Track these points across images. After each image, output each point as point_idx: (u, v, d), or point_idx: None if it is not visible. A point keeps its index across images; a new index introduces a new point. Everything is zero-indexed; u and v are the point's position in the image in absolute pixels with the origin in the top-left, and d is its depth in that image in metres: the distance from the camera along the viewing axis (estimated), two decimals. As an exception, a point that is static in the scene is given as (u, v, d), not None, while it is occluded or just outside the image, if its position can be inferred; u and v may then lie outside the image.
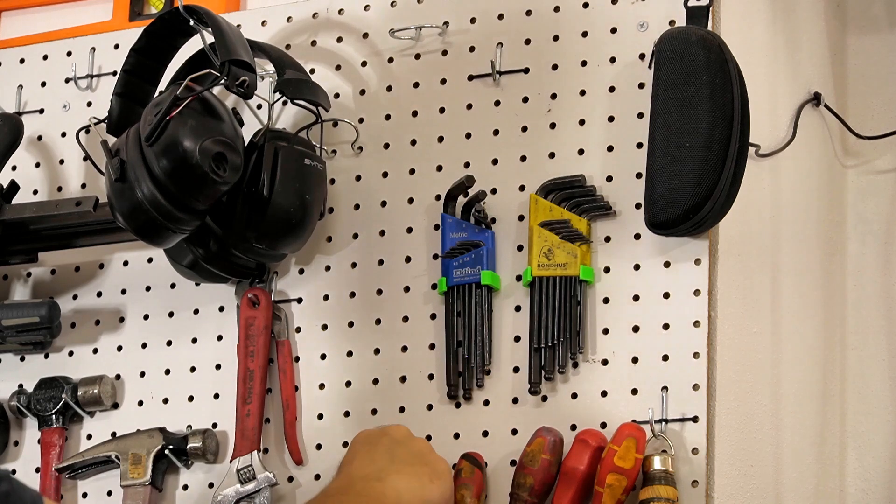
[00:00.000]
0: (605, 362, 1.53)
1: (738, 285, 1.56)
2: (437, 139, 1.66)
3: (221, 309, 1.70)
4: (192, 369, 1.70)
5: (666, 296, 1.52)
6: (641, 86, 1.58)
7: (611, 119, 1.59)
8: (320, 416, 1.63)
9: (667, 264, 1.53)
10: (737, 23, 1.61)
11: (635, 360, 1.52)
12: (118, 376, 1.73)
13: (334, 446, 1.61)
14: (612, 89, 1.60)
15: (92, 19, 1.94)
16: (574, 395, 1.53)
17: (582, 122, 1.60)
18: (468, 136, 1.64)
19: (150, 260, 1.74)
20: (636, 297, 1.53)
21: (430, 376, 1.59)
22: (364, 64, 1.71)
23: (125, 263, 1.76)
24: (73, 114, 1.82)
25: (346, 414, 1.62)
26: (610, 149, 1.58)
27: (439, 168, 1.65)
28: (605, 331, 1.54)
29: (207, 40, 1.58)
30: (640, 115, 1.57)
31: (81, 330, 1.76)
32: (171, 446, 1.65)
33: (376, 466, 1.45)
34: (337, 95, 1.71)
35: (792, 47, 1.73)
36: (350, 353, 1.63)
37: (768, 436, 1.60)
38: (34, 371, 1.75)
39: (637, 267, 1.54)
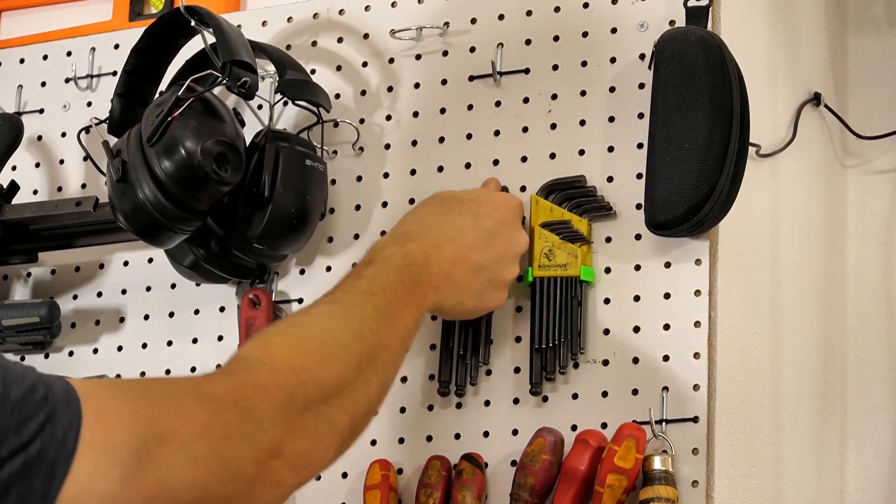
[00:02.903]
0: (605, 363, 1.53)
1: (738, 285, 1.56)
2: (438, 140, 1.66)
3: (222, 309, 1.70)
4: (193, 369, 1.70)
5: (666, 296, 1.52)
6: (641, 86, 1.58)
7: (611, 119, 1.59)
8: (321, 417, 1.63)
9: (667, 265, 1.53)
10: (737, 23, 1.61)
11: (636, 360, 1.52)
12: (118, 376, 1.73)
13: (335, 446, 1.61)
14: (612, 89, 1.60)
15: (92, 19, 1.94)
16: (575, 396, 1.53)
17: (582, 123, 1.60)
18: (469, 136, 1.65)
19: (150, 260, 1.75)
20: (637, 298, 1.53)
21: (431, 376, 1.59)
22: (365, 64, 1.71)
23: (125, 263, 1.76)
24: (73, 114, 1.82)
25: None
26: (610, 149, 1.58)
27: (440, 169, 1.65)
28: (606, 331, 1.54)
29: (208, 41, 1.58)
30: (641, 116, 1.57)
31: (81, 330, 1.76)
32: (171, 446, 1.65)
33: (432, 231, 1.46)
34: (338, 96, 1.71)
35: (792, 47, 1.73)
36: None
37: (768, 436, 1.60)
38: (34, 371, 1.75)
39: (637, 267, 1.54)
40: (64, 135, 1.83)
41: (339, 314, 1.33)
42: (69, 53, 1.85)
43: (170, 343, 1.72)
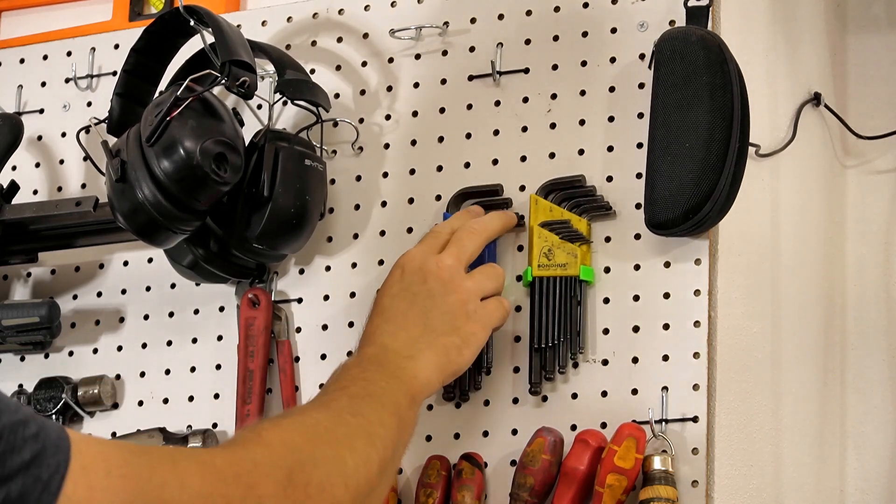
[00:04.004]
0: (605, 362, 1.53)
1: (738, 285, 1.56)
2: (438, 139, 1.66)
3: (221, 309, 1.70)
4: (193, 369, 1.70)
5: (666, 296, 1.52)
6: (641, 86, 1.58)
7: (611, 119, 1.59)
8: (320, 417, 1.63)
9: (667, 264, 1.53)
10: (737, 23, 1.61)
11: (635, 360, 1.52)
12: (118, 376, 1.73)
13: (334, 446, 1.61)
14: (612, 89, 1.60)
15: (92, 19, 1.94)
16: (574, 396, 1.53)
17: (582, 123, 1.60)
18: (468, 136, 1.64)
19: (150, 260, 1.75)
20: (636, 298, 1.53)
21: (431, 376, 1.59)
22: (364, 64, 1.71)
23: (125, 263, 1.76)
24: (73, 114, 1.82)
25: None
26: (610, 149, 1.58)
27: (439, 168, 1.65)
28: (606, 331, 1.54)
29: (208, 40, 1.58)
30: (640, 115, 1.57)
31: (81, 330, 1.76)
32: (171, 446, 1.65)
33: (409, 337, 1.43)
34: (337, 96, 1.71)
35: (792, 47, 1.73)
36: (350, 353, 1.63)
37: (768, 436, 1.60)
38: (34, 371, 1.75)
39: (637, 267, 1.54)
40: (64, 135, 1.83)
41: (317, 408, 1.32)
42: (69, 53, 1.85)
43: (169, 343, 1.72)
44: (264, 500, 1.14)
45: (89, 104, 1.82)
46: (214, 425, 1.67)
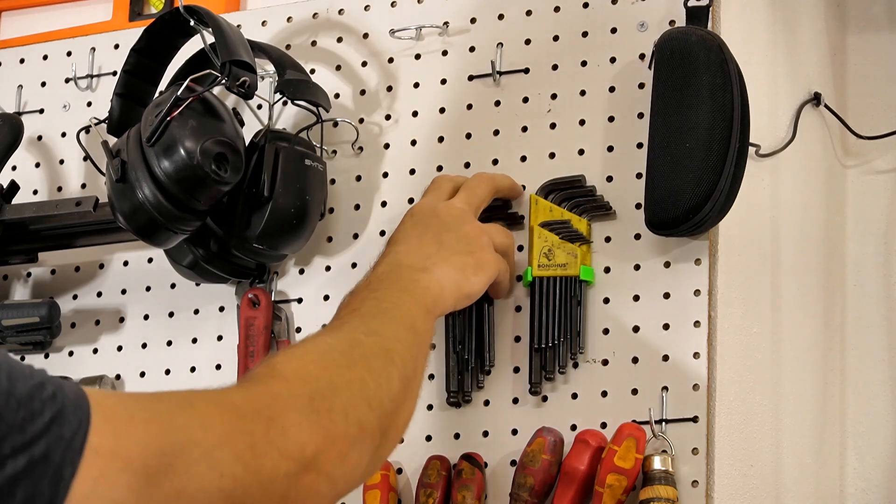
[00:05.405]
0: (605, 362, 1.53)
1: (738, 285, 1.56)
2: (438, 139, 1.66)
3: (221, 309, 1.70)
4: (192, 369, 1.70)
5: (666, 296, 1.52)
6: (641, 86, 1.58)
7: (611, 119, 1.59)
8: (320, 417, 1.63)
9: (667, 264, 1.53)
10: (737, 23, 1.61)
11: (635, 360, 1.52)
12: (118, 376, 1.73)
13: (334, 446, 1.61)
14: (612, 89, 1.60)
15: (92, 19, 1.94)
16: (574, 396, 1.53)
17: (582, 122, 1.60)
18: (468, 136, 1.65)
19: (150, 260, 1.75)
20: (636, 298, 1.53)
21: (431, 376, 1.59)
22: (364, 64, 1.71)
23: (125, 263, 1.76)
24: (73, 114, 1.82)
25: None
26: (610, 149, 1.58)
27: (439, 168, 1.65)
28: (606, 331, 1.54)
29: (208, 40, 1.58)
30: (640, 115, 1.57)
31: (81, 330, 1.76)
32: (171, 446, 1.65)
33: (423, 254, 1.43)
34: (337, 96, 1.71)
35: (792, 47, 1.73)
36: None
37: (768, 436, 1.60)
38: (34, 371, 1.75)
39: (637, 267, 1.54)
40: (64, 135, 1.83)
41: (329, 333, 1.31)
42: (69, 53, 1.85)
43: (169, 343, 1.72)
44: (289, 430, 1.12)
45: (89, 104, 1.82)
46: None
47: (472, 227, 1.49)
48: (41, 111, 1.85)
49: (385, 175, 1.67)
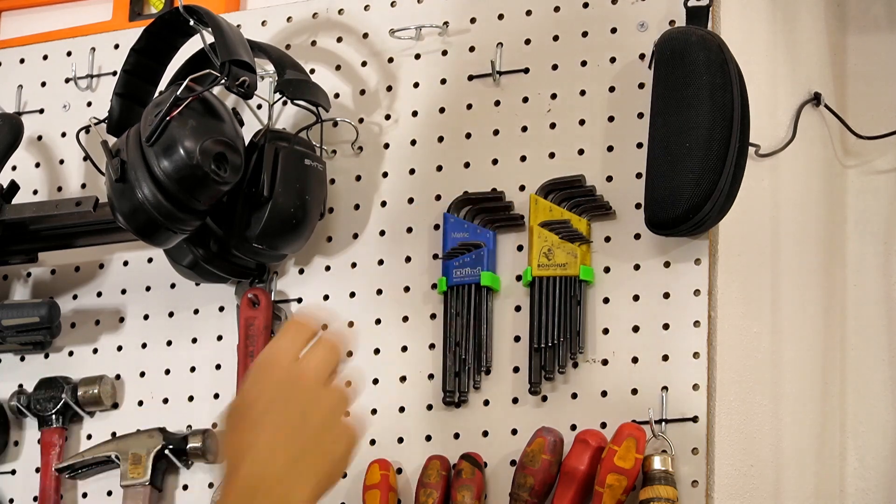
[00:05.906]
0: (605, 362, 1.53)
1: (738, 285, 1.56)
2: (437, 139, 1.66)
3: (221, 309, 1.70)
4: (192, 369, 1.70)
5: (666, 296, 1.52)
6: (641, 86, 1.58)
7: (611, 119, 1.59)
8: (320, 416, 1.63)
9: (667, 264, 1.53)
10: (737, 23, 1.61)
11: (635, 360, 1.52)
12: (118, 376, 1.73)
13: (334, 446, 1.61)
14: (612, 89, 1.60)
15: (92, 19, 1.94)
16: (574, 395, 1.53)
17: (582, 122, 1.60)
18: (468, 136, 1.64)
19: (150, 260, 1.75)
20: (636, 297, 1.53)
21: (430, 376, 1.59)
22: (364, 64, 1.71)
23: (125, 263, 1.76)
24: (73, 114, 1.82)
25: (346, 414, 1.62)
26: (610, 149, 1.58)
27: (439, 168, 1.65)
28: (605, 331, 1.54)
29: (207, 40, 1.58)
30: (640, 115, 1.57)
31: (81, 330, 1.76)
32: (171, 446, 1.65)
33: (277, 467, 1.17)
34: (337, 95, 1.71)
35: (792, 47, 1.73)
36: (350, 353, 1.63)
37: (768, 436, 1.60)
38: (34, 371, 1.75)
39: (637, 267, 1.54)
40: (64, 135, 1.83)
41: None
42: (69, 53, 1.85)
43: (169, 343, 1.72)
44: None
45: (89, 104, 1.82)
46: (214, 425, 1.67)
47: (328, 407, 1.24)
48: (41, 111, 1.85)
49: (385, 175, 1.67)
